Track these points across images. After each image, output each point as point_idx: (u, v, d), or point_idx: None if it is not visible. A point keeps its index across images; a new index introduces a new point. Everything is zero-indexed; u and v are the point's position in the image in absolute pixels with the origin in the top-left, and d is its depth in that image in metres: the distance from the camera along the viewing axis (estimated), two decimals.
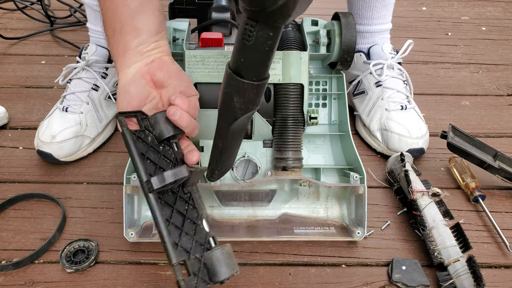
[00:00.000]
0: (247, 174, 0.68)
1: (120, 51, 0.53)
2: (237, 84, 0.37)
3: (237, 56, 0.36)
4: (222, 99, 0.41)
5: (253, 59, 0.36)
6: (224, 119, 0.42)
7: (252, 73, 0.37)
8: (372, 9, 0.87)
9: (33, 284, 0.60)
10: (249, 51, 0.35)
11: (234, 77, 0.37)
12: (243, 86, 0.38)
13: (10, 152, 0.83)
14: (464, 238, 0.61)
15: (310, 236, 0.65)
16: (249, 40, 0.34)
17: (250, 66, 0.36)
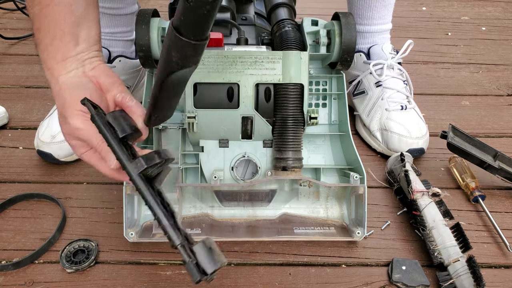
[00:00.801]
0: (247, 174, 0.68)
1: (59, 58, 0.52)
2: (175, 40, 0.40)
3: (179, 14, 0.39)
4: (163, 52, 0.43)
5: (192, 20, 0.38)
6: (162, 70, 0.44)
7: (190, 32, 0.39)
8: (372, 9, 0.87)
9: (33, 284, 0.60)
10: (188, 12, 0.38)
11: (174, 34, 0.40)
12: (181, 43, 0.40)
13: (10, 152, 0.83)
14: (464, 238, 0.61)
15: (310, 236, 0.65)
16: (189, 2, 0.37)
17: (188, 26, 0.39)
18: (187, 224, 0.66)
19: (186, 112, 0.63)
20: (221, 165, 0.67)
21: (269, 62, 0.63)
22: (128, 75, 0.89)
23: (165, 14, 1.03)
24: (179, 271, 0.63)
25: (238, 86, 0.63)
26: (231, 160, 0.67)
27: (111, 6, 0.83)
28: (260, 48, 0.68)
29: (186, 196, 0.69)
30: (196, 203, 0.70)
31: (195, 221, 0.67)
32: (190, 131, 0.64)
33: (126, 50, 0.89)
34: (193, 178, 0.69)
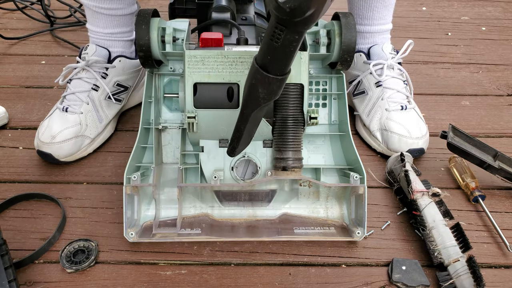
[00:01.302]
0: (247, 174, 0.68)
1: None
2: (263, 78, 0.42)
3: (265, 54, 0.41)
4: (249, 90, 0.45)
5: (279, 58, 0.41)
6: (248, 107, 0.47)
7: (277, 69, 0.42)
8: (373, 10, 0.87)
9: (33, 284, 0.60)
10: (276, 51, 0.40)
11: (261, 72, 0.42)
12: (269, 80, 0.42)
13: (10, 152, 0.83)
14: (464, 238, 0.61)
15: (310, 236, 0.65)
16: (277, 42, 0.39)
17: (276, 63, 0.41)
18: (187, 224, 0.66)
19: (186, 112, 0.63)
20: (221, 165, 0.67)
21: None
22: (128, 75, 0.89)
23: (165, 14, 1.03)
24: (179, 271, 0.63)
25: (238, 86, 0.63)
26: (231, 160, 0.67)
27: (110, 6, 0.83)
28: None
29: (186, 196, 0.69)
30: (196, 203, 0.70)
31: (195, 221, 0.67)
32: (190, 131, 0.64)
33: (126, 50, 0.89)
34: (193, 178, 0.69)
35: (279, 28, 0.37)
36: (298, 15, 0.35)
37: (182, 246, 0.66)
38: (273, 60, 0.40)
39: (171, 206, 0.68)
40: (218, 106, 0.64)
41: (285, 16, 0.36)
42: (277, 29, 0.38)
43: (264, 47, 0.41)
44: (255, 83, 0.43)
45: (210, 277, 0.62)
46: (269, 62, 0.41)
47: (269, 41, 0.39)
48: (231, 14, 0.80)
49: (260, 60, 0.42)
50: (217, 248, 0.66)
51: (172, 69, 0.72)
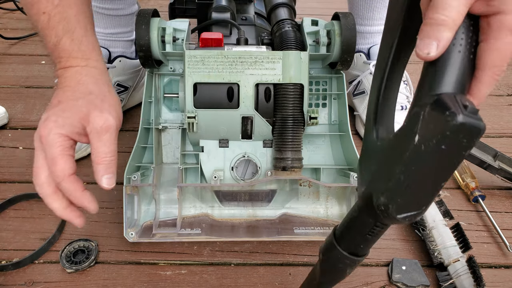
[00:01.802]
0: (247, 174, 0.68)
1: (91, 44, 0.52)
2: (353, 262, 0.41)
3: (357, 243, 0.40)
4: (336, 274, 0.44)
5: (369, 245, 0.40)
6: (330, 283, 0.46)
7: (364, 252, 0.41)
8: (373, 10, 0.87)
9: (33, 284, 0.60)
10: (369, 241, 0.39)
11: (351, 258, 0.41)
12: (358, 263, 0.42)
13: (10, 152, 0.83)
14: (464, 238, 0.61)
15: (310, 236, 0.65)
16: (372, 236, 0.37)
17: (365, 249, 0.40)
18: (187, 224, 0.66)
19: (186, 112, 0.63)
20: (221, 165, 0.67)
21: (269, 62, 0.63)
22: (128, 75, 0.89)
23: (165, 14, 1.03)
24: (179, 271, 0.63)
25: (238, 86, 0.63)
26: (231, 160, 0.67)
27: (111, 7, 0.83)
28: (260, 48, 0.67)
29: (186, 196, 0.69)
30: (196, 203, 0.70)
31: (195, 221, 0.67)
32: (190, 131, 0.64)
33: (126, 50, 0.89)
34: (193, 178, 0.69)
35: (380, 226, 0.36)
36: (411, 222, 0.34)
37: (182, 246, 0.66)
38: (365, 247, 0.40)
39: (171, 206, 0.68)
40: (218, 106, 0.64)
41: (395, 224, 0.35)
42: (377, 227, 0.37)
43: (355, 237, 0.40)
44: (344, 268, 0.42)
45: (210, 277, 0.62)
46: (360, 249, 0.40)
47: (364, 235, 0.38)
48: (231, 14, 0.80)
49: (348, 246, 0.41)
50: (217, 248, 0.66)
51: (172, 69, 0.72)
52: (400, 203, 0.31)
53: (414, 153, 0.28)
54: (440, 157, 0.28)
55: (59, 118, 0.47)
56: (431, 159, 0.28)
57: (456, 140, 0.27)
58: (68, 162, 0.46)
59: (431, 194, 0.30)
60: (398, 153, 0.30)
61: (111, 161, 0.47)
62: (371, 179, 0.34)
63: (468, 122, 0.26)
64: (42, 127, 0.47)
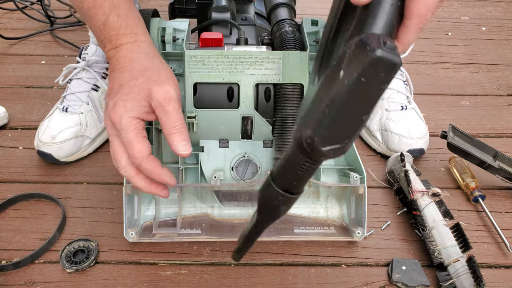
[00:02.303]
0: (247, 174, 0.68)
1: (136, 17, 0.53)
2: (287, 200, 0.42)
3: (289, 180, 0.41)
4: (271, 211, 0.45)
5: (303, 181, 0.41)
6: (267, 222, 0.47)
7: (298, 190, 0.42)
8: None
9: (33, 284, 0.60)
10: (301, 178, 0.40)
11: (285, 195, 0.42)
12: (292, 200, 0.43)
13: (10, 152, 0.83)
14: (464, 238, 0.61)
15: (310, 236, 0.65)
16: (304, 172, 0.38)
17: (298, 187, 0.42)
18: (187, 224, 0.66)
19: (186, 112, 0.63)
20: (221, 165, 0.67)
21: (269, 62, 0.63)
22: None
23: (165, 14, 1.03)
24: (179, 271, 0.63)
25: (238, 86, 0.63)
26: (231, 160, 0.67)
27: None
28: (260, 48, 0.68)
29: (186, 196, 0.69)
30: (196, 203, 0.70)
31: (195, 221, 0.67)
32: (190, 131, 0.64)
33: None
34: (193, 178, 0.69)
35: (311, 162, 0.37)
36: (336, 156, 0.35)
37: (182, 246, 0.66)
38: (297, 185, 0.41)
39: (171, 206, 0.68)
40: (218, 106, 0.64)
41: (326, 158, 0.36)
42: (307, 163, 0.38)
43: (288, 174, 0.41)
44: (278, 204, 0.44)
45: (210, 277, 0.62)
46: (294, 187, 0.41)
47: (297, 171, 0.39)
48: (231, 14, 0.80)
49: (283, 184, 0.42)
50: (217, 248, 0.66)
51: (172, 69, 0.71)
52: (324, 135, 0.33)
53: (338, 87, 0.31)
54: (361, 90, 0.30)
55: (126, 102, 0.49)
56: (353, 92, 0.30)
57: (374, 73, 0.29)
58: (144, 144, 0.49)
59: (353, 127, 0.33)
60: (325, 90, 0.32)
61: (182, 129, 0.50)
62: (301, 117, 0.35)
63: (385, 56, 0.28)
64: (112, 114, 0.49)
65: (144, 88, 0.49)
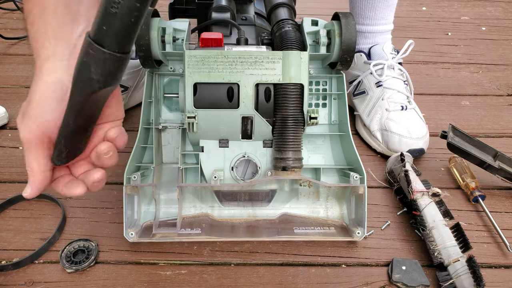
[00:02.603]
0: (247, 174, 0.68)
1: (49, 34, 0.41)
2: (97, 54, 0.36)
3: (100, 24, 0.35)
4: (78, 69, 0.39)
5: (117, 29, 0.35)
6: (79, 92, 0.39)
7: (115, 44, 0.36)
8: (375, 10, 0.87)
9: (33, 284, 0.60)
10: (113, 20, 0.35)
11: (94, 46, 0.36)
12: (104, 56, 0.36)
13: (10, 152, 0.83)
14: (464, 238, 0.61)
15: (310, 236, 0.65)
16: (114, 8, 0.34)
17: (113, 36, 0.36)
18: (187, 224, 0.66)
19: (186, 112, 0.63)
20: (221, 165, 0.67)
21: (269, 62, 0.63)
22: (128, 75, 0.89)
23: (165, 14, 1.03)
24: (179, 271, 0.63)
25: (238, 86, 0.63)
26: (231, 160, 0.67)
27: None
28: (260, 48, 0.68)
29: (186, 196, 0.69)
30: (196, 203, 0.70)
31: (195, 221, 0.67)
32: (190, 131, 0.64)
33: None
34: (193, 178, 0.69)
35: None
36: None
37: (182, 246, 0.66)
38: (110, 32, 0.35)
39: (171, 206, 0.68)
40: (218, 106, 0.64)
41: None
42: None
43: (99, 16, 0.35)
44: (87, 60, 0.36)
45: (210, 277, 0.62)
46: (104, 33, 0.34)
47: (104, 7, 0.34)
48: (231, 14, 0.80)
49: (94, 32, 0.35)
50: (217, 248, 0.66)
51: (172, 69, 0.72)
52: None
53: None
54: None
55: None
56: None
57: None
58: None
59: None
60: None
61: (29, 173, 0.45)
62: None
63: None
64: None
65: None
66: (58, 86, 0.42)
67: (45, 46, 0.42)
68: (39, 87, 0.42)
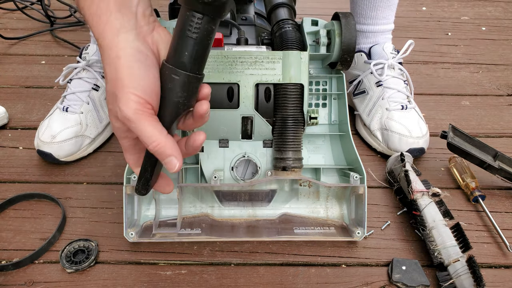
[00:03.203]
0: (247, 174, 0.68)
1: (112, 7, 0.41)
2: (181, 78, 0.38)
3: (181, 50, 0.37)
4: (162, 96, 0.40)
5: (197, 53, 0.37)
6: (166, 117, 0.41)
7: (196, 66, 0.38)
8: (377, 9, 0.87)
9: (33, 284, 0.60)
10: (193, 45, 0.36)
11: (178, 71, 0.37)
12: (189, 80, 0.38)
13: (10, 152, 0.83)
14: (464, 238, 0.61)
15: (310, 236, 0.65)
16: (194, 33, 0.35)
17: (195, 60, 0.37)
18: (187, 224, 0.66)
19: None
20: (221, 165, 0.67)
21: (269, 62, 0.63)
22: None
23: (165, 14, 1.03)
24: (179, 271, 0.63)
25: (238, 86, 0.63)
26: (231, 160, 0.67)
27: None
28: (260, 48, 0.68)
29: (186, 196, 0.69)
30: (196, 203, 0.70)
31: (195, 221, 0.67)
32: (190, 131, 0.64)
33: None
34: (193, 178, 0.69)
35: (197, 16, 0.34)
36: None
37: (182, 246, 0.66)
38: (192, 56, 0.36)
39: (171, 206, 0.68)
40: (218, 106, 0.64)
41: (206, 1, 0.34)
42: (194, 18, 0.34)
43: (178, 41, 0.36)
44: (172, 87, 0.38)
45: (210, 277, 0.62)
46: (187, 58, 0.37)
47: (184, 34, 0.35)
48: (231, 14, 0.80)
49: (175, 58, 0.37)
50: (217, 248, 0.66)
51: None
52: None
53: None
54: None
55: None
56: None
57: None
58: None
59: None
60: None
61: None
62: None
63: None
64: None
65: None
66: (140, 55, 0.41)
67: (111, 21, 0.41)
68: (120, 60, 0.40)
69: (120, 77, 0.40)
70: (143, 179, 0.44)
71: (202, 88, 0.43)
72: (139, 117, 0.40)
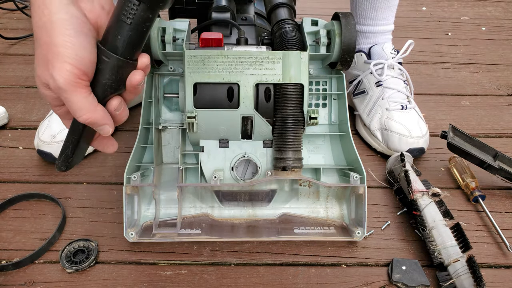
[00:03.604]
0: (247, 174, 0.68)
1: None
2: (111, 61, 0.38)
3: (114, 33, 0.37)
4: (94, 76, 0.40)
5: (131, 38, 0.37)
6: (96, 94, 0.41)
7: (128, 51, 0.38)
8: (377, 10, 0.87)
9: (33, 284, 0.60)
10: (127, 30, 0.37)
11: (108, 53, 0.38)
12: (119, 64, 0.38)
13: (10, 152, 0.83)
14: (464, 238, 0.61)
15: (310, 236, 0.65)
16: (129, 19, 0.36)
17: (127, 44, 0.37)
18: (187, 224, 0.66)
19: (186, 112, 0.63)
20: (221, 165, 0.67)
21: (269, 62, 0.63)
22: None
23: (165, 14, 1.03)
24: (179, 271, 0.63)
25: (238, 86, 0.63)
26: (231, 160, 0.67)
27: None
28: (260, 48, 0.67)
29: (186, 196, 0.69)
30: (196, 203, 0.70)
31: (195, 221, 0.67)
32: (190, 131, 0.64)
33: None
34: (193, 178, 0.69)
35: (133, 2, 0.34)
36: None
37: (182, 246, 0.66)
38: (124, 41, 0.37)
39: (171, 206, 0.68)
40: (218, 106, 0.64)
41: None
42: (130, 3, 0.34)
43: (113, 25, 0.37)
44: (102, 68, 0.38)
45: (210, 277, 0.62)
46: (119, 42, 0.37)
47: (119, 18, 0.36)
48: (231, 14, 0.80)
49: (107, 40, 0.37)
50: (217, 248, 0.66)
51: (172, 69, 0.72)
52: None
53: None
54: None
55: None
56: None
57: None
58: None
59: None
60: None
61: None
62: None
63: None
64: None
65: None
66: (77, 22, 0.39)
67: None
68: (54, 26, 0.38)
69: (54, 43, 0.38)
70: (64, 155, 0.44)
71: (140, 57, 0.42)
72: (72, 88, 0.39)
